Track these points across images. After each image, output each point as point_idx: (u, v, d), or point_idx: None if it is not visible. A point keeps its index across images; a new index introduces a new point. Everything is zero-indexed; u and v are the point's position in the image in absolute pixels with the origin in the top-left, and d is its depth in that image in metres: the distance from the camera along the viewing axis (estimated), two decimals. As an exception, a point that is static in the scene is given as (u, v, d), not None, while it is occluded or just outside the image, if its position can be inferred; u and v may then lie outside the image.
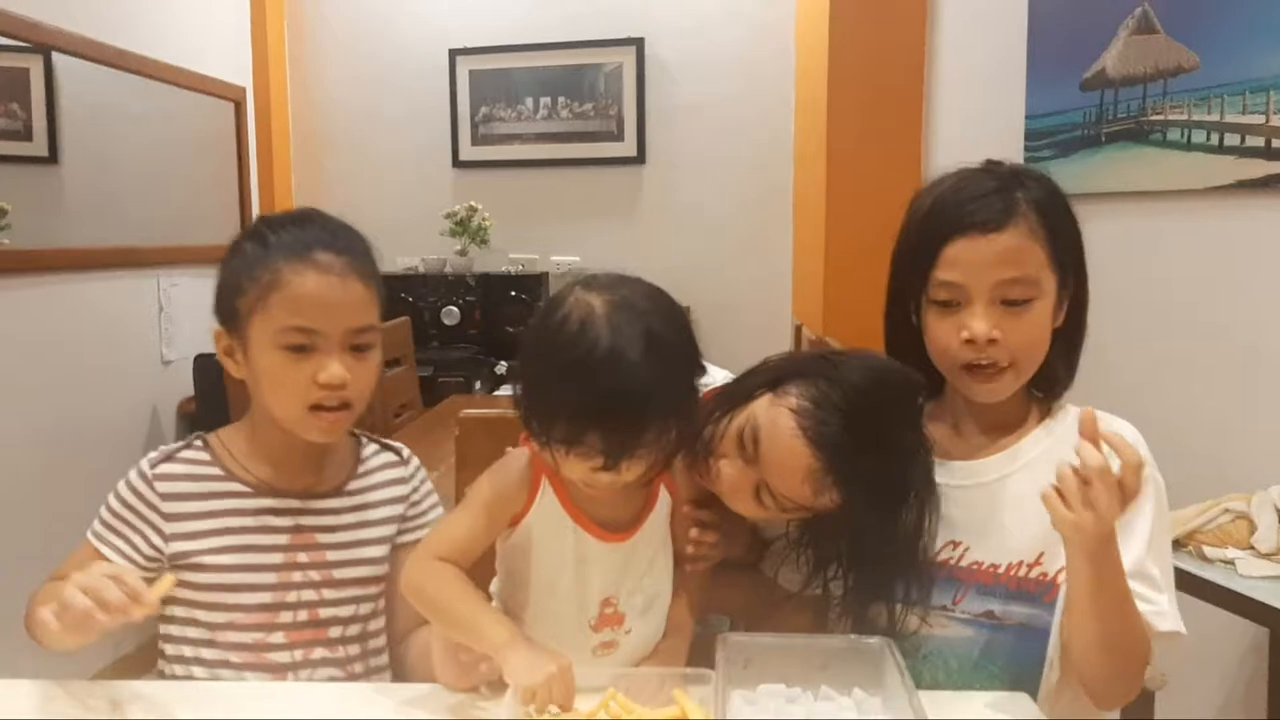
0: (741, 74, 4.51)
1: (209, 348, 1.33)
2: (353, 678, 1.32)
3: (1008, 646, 1.23)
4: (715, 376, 1.33)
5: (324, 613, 1.30)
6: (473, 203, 4.50)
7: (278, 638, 1.27)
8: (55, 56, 3.29)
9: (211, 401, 3.52)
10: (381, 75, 4.76)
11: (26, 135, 3.27)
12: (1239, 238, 2.32)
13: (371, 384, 1.27)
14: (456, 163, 4.73)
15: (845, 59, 3.66)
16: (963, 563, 1.26)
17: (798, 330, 3.74)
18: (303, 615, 1.28)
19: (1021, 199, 1.23)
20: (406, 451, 1.43)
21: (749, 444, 1.19)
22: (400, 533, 1.37)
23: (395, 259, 4.61)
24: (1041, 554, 1.22)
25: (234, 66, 4.39)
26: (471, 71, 4.66)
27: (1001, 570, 1.24)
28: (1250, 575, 1.84)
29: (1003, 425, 1.31)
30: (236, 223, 4.41)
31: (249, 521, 1.28)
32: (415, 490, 1.40)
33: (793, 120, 4.35)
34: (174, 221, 3.93)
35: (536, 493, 1.20)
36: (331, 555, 1.31)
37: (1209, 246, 2.39)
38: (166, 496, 1.28)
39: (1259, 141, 2.22)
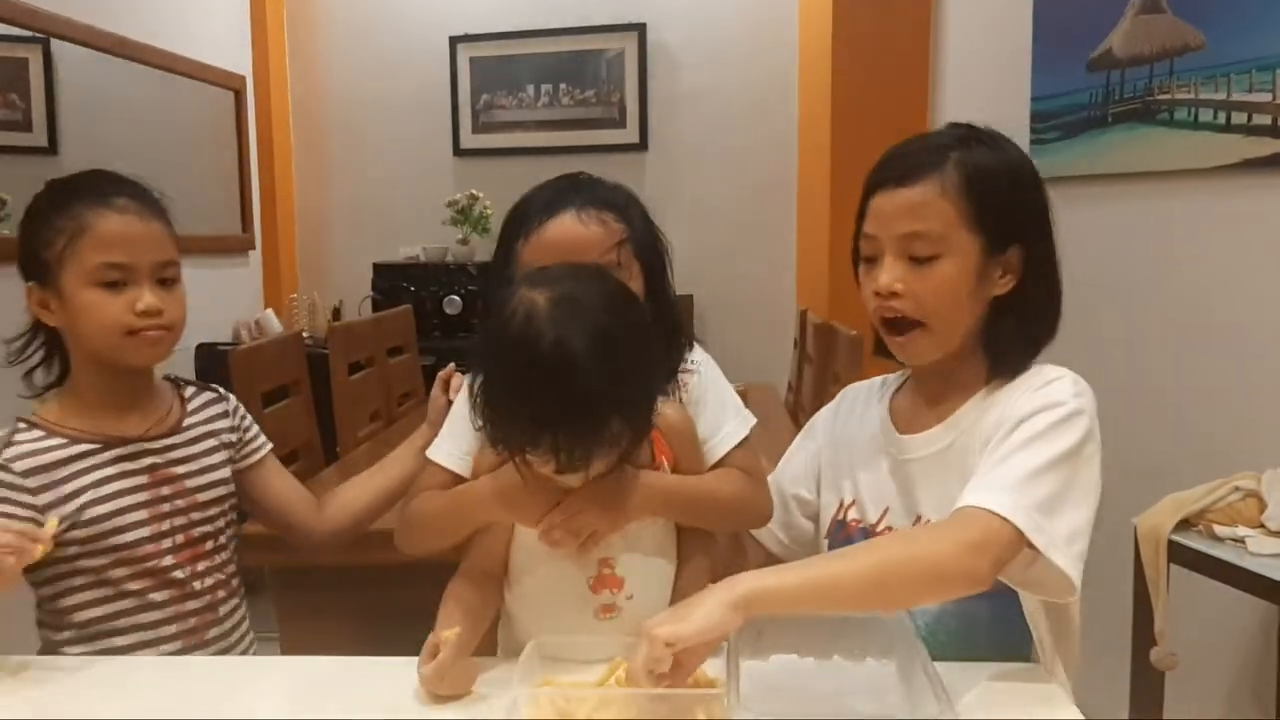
0: (745, 59, 4.49)
1: (211, 336, 1.37)
2: (230, 577, 1.50)
3: (984, 613, 1.21)
4: (699, 356, 1.34)
5: (197, 532, 1.45)
6: (474, 191, 4.48)
7: (167, 560, 1.40)
8: (54, 45, 3.28)
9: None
10: (382, 63, 4.75)
11: (26, 126, 3.27)
12: (1246, 216, 2.31)
13: (182, 311, 1.41)
14: (458, 151, 4.72)
15: (849, 44, 3.65)
16: None
17: (802, 316, 3.72)
18: (180, 539, 1.42)
19: (953, 158, 1.22)
20: (223, 390, 1.58)
21: None
22: (242, 457, 1.54)
23: (397, 248, 4.60)
24: None
25: (234, 54, 4.37)
26: (472, 59, 4.65)
27: None
28: (1261, 553, 1.83)
29: (955, 395, 1.29)
30: (237, 212, 4.41)
31: (110, 471, 1.38)
32: (241, 420, 1.55)
33: (796, 105, 4.34)
34: (174, 211, 3.91)
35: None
36: (190, 483, 1.44)
37: (1217, 226, 2.38)
38: (27, 473, 1.34)
39: (1266, 120, 2.21)
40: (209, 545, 1.46)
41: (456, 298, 4.37)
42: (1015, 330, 1.25)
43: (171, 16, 3.91)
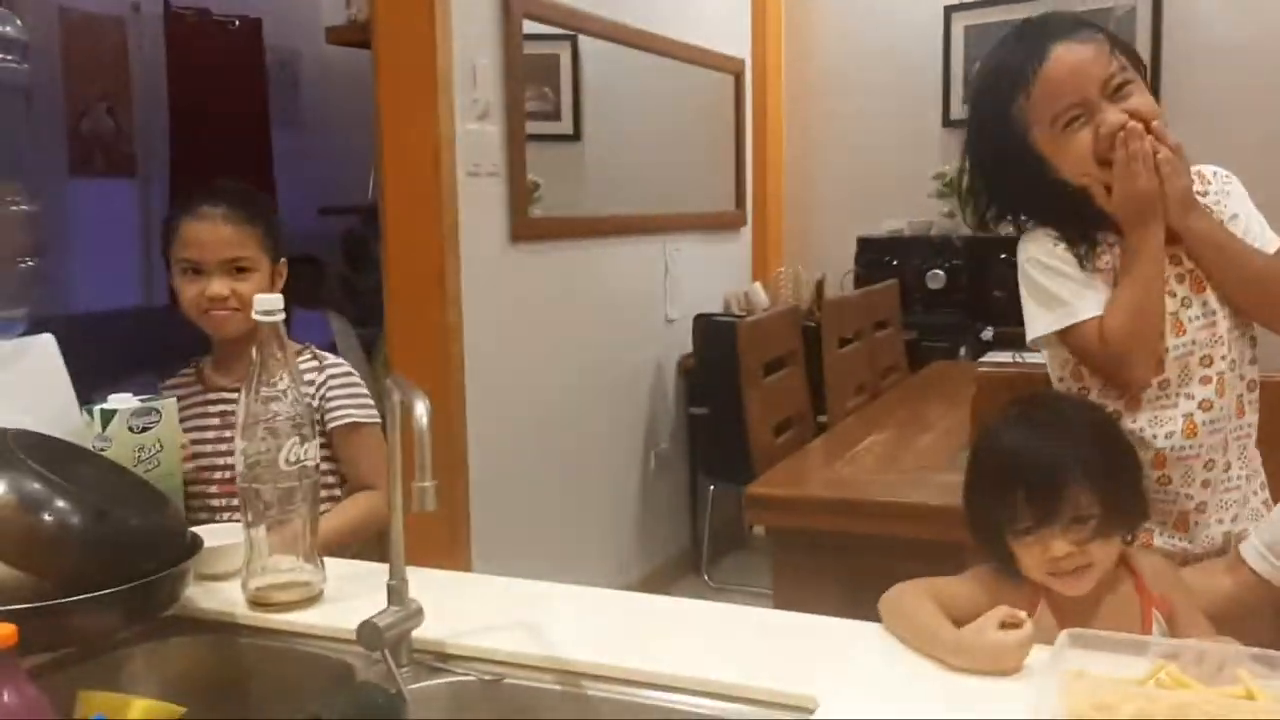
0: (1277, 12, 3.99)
1: (708, 307, 1.51)
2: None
3: None
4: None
5: None
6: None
7: (212, 489, 1.76)
8: (581, 40, 3.63)
9: (710, 358, 3.75)
10: (873, 35, 4.74)
11: (556, 115, 3.65)
12: None
13: (246, 295, 1.67)
14: (947, 122, 4.63)
15: None
16: None
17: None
18: (228, 474, 1.68)
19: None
20: (328, 359, 1.85)
21: None
22: (324, 419, 1.77)
23: (881, 221, 4.61)
24: None
25: (734, 39, 4.59)
26: (967, 28, 4.53)
27: None
28: None
29: None
30: (732, 190, 4.65)
31: (196, 409, 1.81)
32: (325, 387, 1.80)
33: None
34: (677, 189, 4.21)
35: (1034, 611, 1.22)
36: None
37: None
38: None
39: None
40: None
41: (940, 271, 4.30)
42: None
43: (679, 6, 4.18)
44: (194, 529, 1.34)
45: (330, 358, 1.87)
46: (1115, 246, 1.43)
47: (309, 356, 1.83)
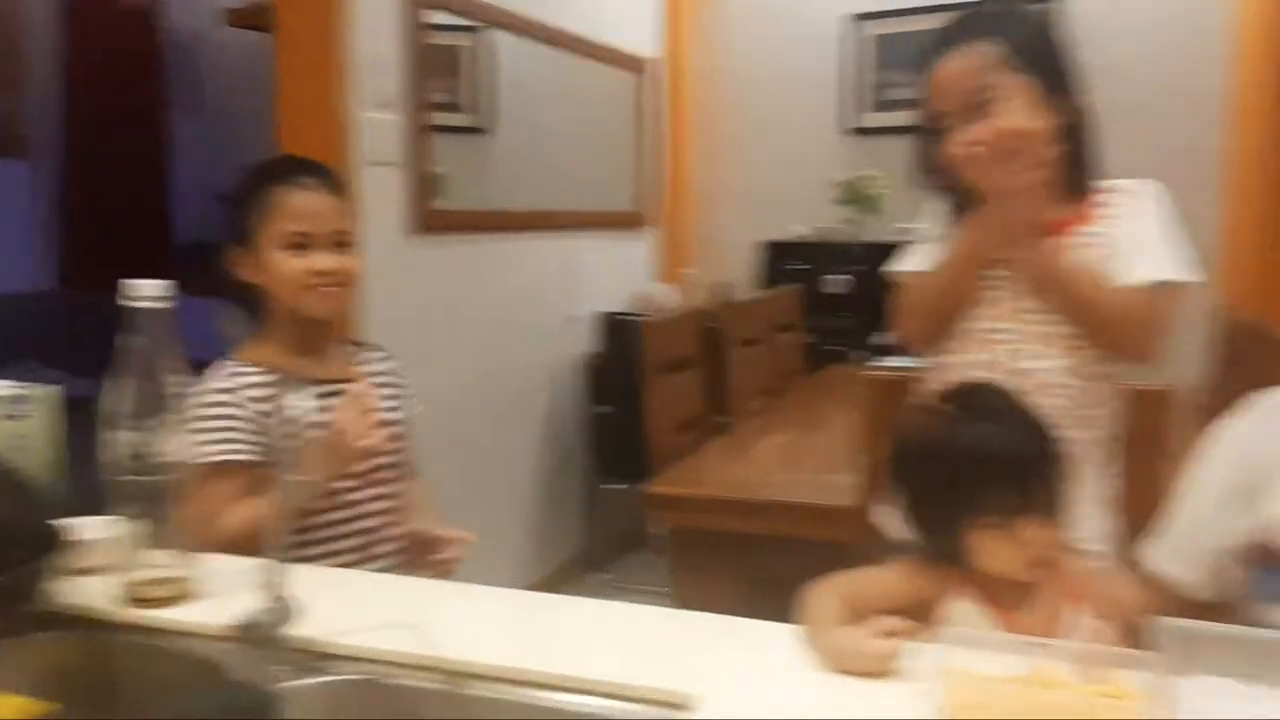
0: (1164, 30, 4.12)
1: (614, 307, 1.51)
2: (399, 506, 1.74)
3: None
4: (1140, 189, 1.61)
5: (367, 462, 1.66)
6: (872, 171, 4.43)
7: (340, 484, 1.63)
8: (494, 33, 3.58)
9: (614, 357, 3.75)
10: (777, 42, 4.79)
11: (466, 108, 3.58)
12: None
13: (353, 271, 1.66)
14: (851, 130, 4.69)
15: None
16: None
17: (1222, 314, 3.39)
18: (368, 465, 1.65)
19: None
20: (388, 352, 1.84)
21: None
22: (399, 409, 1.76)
23: (786, 226, 4.66)
24: None
25: (644, 38, 4.59)
26: (874, 36, 4.59)
27: None
28: None
29: None
30: (636, 189, 4.65)
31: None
32: (398, 376, 1.81)
33: (1219, 79, 3.92)
34: (581, 187, 4.20)
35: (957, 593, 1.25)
36: None
37: None
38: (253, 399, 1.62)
39: None
40: (380, 475, 1.68)
41: (841, 277, 4.37)
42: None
43: (589, 1, 4.16)
44: (67, 520, 1.28)
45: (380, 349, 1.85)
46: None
47: (374, 349, 1.83)
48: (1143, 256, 1.48)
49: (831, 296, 4.38)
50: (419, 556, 1.73)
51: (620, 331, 3.65)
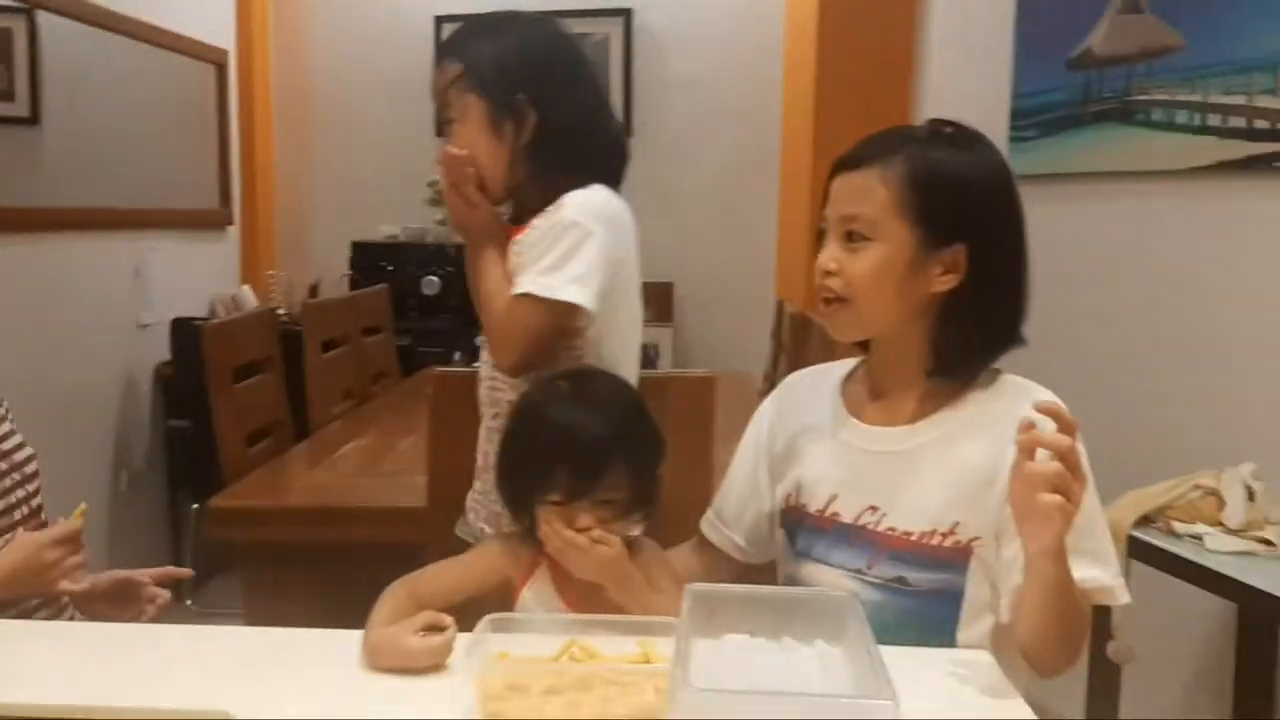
0: (730, 48, 4.49)
1: (191, 312, 1.39)
2: None
3: (919, 611, 1.23)
4: None
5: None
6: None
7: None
8: (40, 16, 3.25)
9: (187, 366, 3.50)
10: (366, 40, 4.71)
11: (8, 96, 3.24)
12: (1219, 218, 2.32)
13: None
14: (440, 131, 4.67)
15: (835, 36, 3.65)
16: (879, 528, 1.26)
17: (779, 306, 3.73)
18: None
19: (907, 151, 1.24)
20: None
21: None
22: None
23: (377, 227, 4.58)
24: (956, 524, 1.22)
25: (217, 28, 4.33)
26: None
27: (915, 537, 1.24)
28: (1219, 551, 1.84)
29: (901, 389, 1.31)
30: (215, 186, 4.38)
31: None
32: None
33: (780, 96, 4.33)
34: (153, 184, 3.90)
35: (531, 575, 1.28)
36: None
37: (1189, 227, 2.40)
38: None
39: (1241, 123, 2.23)
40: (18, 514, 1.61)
41: (435, 278, 4.35)
42: (958, 331, 1.26)
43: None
44: None
45: None
46: None
47: None
48: (523, 272, 1.46)
49: (429, 298, 4.35)
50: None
51: (194, 338, 3.40)
